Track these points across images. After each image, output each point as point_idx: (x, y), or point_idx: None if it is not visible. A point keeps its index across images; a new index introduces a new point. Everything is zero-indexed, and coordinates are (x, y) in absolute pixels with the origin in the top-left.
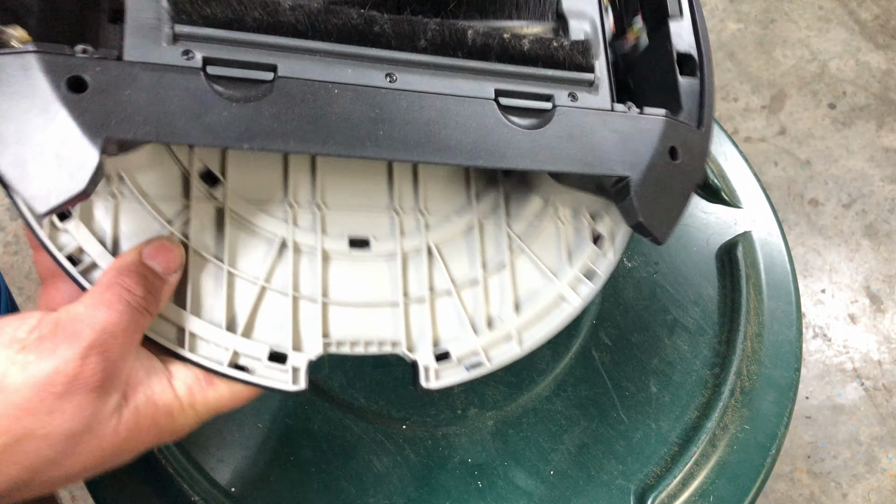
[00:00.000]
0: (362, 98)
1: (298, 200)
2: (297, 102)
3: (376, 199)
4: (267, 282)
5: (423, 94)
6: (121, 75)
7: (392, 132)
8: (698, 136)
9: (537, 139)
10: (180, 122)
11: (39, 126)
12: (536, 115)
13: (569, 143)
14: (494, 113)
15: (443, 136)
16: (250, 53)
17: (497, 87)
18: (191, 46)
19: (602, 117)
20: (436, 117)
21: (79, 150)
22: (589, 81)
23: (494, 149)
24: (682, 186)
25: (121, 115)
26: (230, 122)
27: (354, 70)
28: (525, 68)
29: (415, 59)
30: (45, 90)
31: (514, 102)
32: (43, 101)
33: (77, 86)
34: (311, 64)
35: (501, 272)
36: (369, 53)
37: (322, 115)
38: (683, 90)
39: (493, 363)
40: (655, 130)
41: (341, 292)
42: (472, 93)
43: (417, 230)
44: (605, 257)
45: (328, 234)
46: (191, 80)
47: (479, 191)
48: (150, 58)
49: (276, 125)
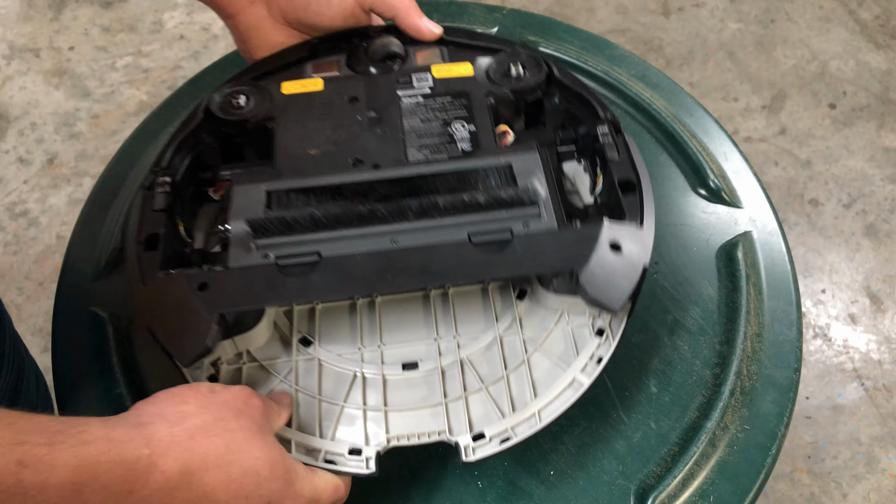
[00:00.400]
0: (376, 258)
1: (365, 344)
2: (334, 269)
3: (420, 333)
4: (345, 402)
5: (417, 247)
6: (228, 276)
7: (398, 275)
8: (641, 232)
9: (504, 258)
10: (262, 294)
11: (180, 311)
12: (500, 244)
13: (526, 256)
14: (469, 249)
15: (434, 269)
16: (302, 247)
17: (469, 231)
18: (267, 251)
19: (551, 234)
20: (427, 259)
21: (204, 323)
22: (536, 213)
23: (473, 270)
24: (628, 270)
25: (228, 298)
26: (293, 289)
27: (368, 242)
28: (486, 214)
29: (407, 227)
30: (186, 292)
31: (482, 238)
32: (184, 297)
33: (203, 286)
34: (341, 244)
35: (520, 368)
36: (376, 230)
37: (351, 274)
38: (626, 203)
39: (519, 437)
40: (596, 233)
41: (397, 402)
42: (451, 239)
43: (452, 350)
44: (607, 345)
45: (386, 363)
46: (268, 270)
47: (498, 314)
48: (244, 262)
49: (322, 285)
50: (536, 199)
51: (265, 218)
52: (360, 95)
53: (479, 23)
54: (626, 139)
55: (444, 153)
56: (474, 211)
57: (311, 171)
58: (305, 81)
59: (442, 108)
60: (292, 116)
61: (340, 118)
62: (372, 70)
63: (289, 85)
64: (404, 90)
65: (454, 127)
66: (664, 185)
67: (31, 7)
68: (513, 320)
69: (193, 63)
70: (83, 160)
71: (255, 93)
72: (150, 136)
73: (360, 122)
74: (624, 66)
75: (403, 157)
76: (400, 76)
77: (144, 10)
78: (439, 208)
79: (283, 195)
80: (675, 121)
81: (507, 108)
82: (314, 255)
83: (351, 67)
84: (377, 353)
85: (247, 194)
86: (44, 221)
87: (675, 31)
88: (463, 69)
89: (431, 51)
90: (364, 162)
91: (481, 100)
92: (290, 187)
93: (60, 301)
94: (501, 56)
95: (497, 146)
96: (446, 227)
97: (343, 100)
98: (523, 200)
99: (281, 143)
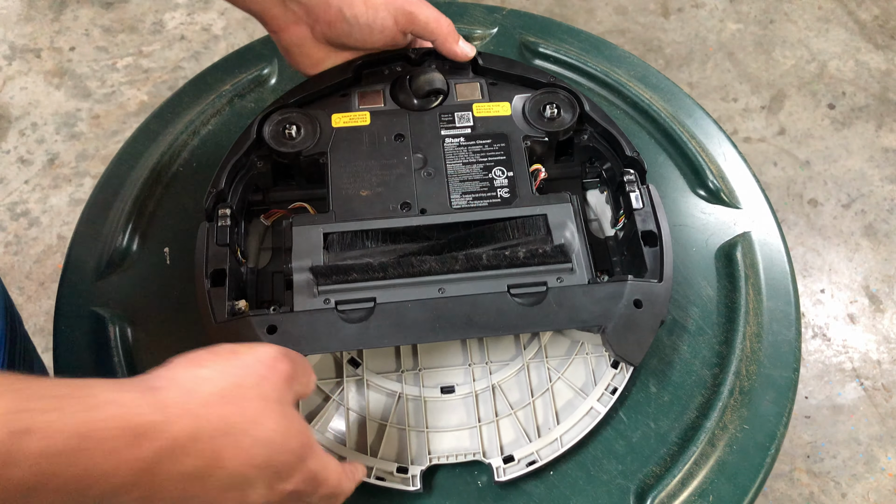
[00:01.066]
0: (425, 306)
1: (406, 368)
2: (389, 316)
3: (457, 360)
4: (390, 422)
5: (462, 297)
6: (294, 319)
7: (445, 324)
8: (659, 287)
9: (538, 311)
10: (325, 339)
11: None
12: (536, 296)
13: (559, 310)
14: (508, 300)
15: (477, 320)
16: (360, 293)
17: (508, 283)
18: (328, 296)
19: (582, 289)
20: (470, 309)
21: None
22: (569, 269)
23: (511, 323)
24: (648, 324)
25: (295, 342)
26: (352, 334)
27: (418, 290)
28: (525, 269)
29: (453, 278)
30: (256, 335)
31: (520, 290)
32: (255, 339)
33: (272, 329)
34: (395, 291)
35: (545, 395)
36: (426, 280)
37: (403, 321)
38: (648, 256)
39: (544, 460)
40: (621, 291)
41: (437, 422)
42: (492, 290)
43: (485, 376)
44: (621, 375)
45: (426, 386)
46: (329, 315)
47: (526, 343)
48: (307, 306)
49: (378, 332)
50: (569, 255)
51: (326, 266)
52: (405, 132)
53: (479, 24)
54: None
55: (484, 200)
56: (514, 265)
57: (362, 213)
58: (354, 115)
59: (482, 150)
60: (343, 153)
61: (389, 157)
62: (415, 102)
63: (338, 117)
64: (447, 129)
65: (494, 173)
66: (663, 186)
67: (32, 7)
68: (538, 349)
69: (194, 63)
70: (84, 160)
71: (307, 123)
72: (151, 136)
73: (407, 162)
74: (623, 66)
75: (447, 202)
76: (443, 113)
77: (145, 10)
78: (482, 260)
79: (338, 237)
80: (675, 121)
81: (541, 146)
82: (370, 302)
83: (395, 98)
84: (418, 376)
85: (306, 236)
86: (45, 221)
87: (675, 31)
88: (501, 108)
89: (471, 85)
90: (411, 206)
91: (518, 143)
92: (344, 230)
93: (61, 301)
94: (537, 96)
95: (533, 193)
96: (488, 279)
97: (390, 136)
98: (557, 256)
99: (335, 181)
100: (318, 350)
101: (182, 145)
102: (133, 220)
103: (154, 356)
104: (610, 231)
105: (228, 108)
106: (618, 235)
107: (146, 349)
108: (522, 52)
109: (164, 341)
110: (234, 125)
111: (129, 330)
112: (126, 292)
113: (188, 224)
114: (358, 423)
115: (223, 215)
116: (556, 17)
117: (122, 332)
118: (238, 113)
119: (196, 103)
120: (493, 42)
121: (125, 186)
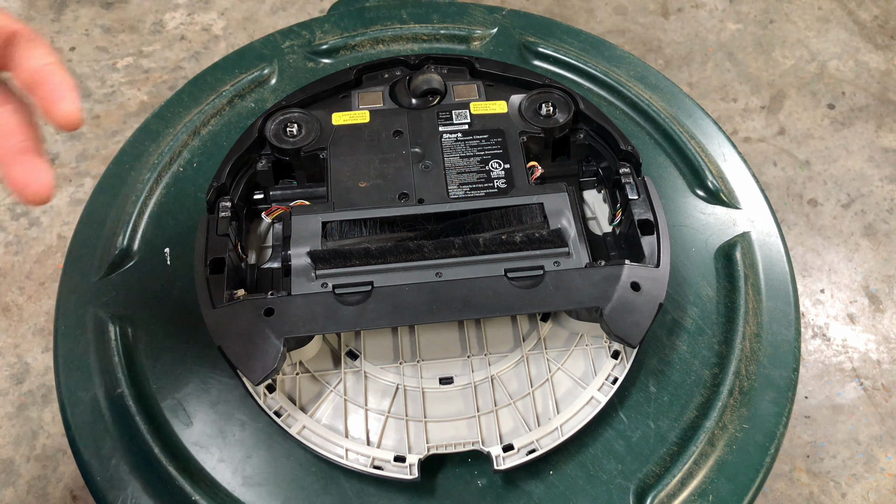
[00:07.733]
0: (423, 290)
1: (405, 360)
2: (386, 299)
3: (455, 352)
4: (389, 413)
5: (459, 280)
6: (291, 303)
7: (442, 306)
8: (657, 272)
9: (535, 294)
10: (322, 321)
11: (249, 335)
12: (533, 279)
13: (556, 292)
14: (505, 283)
15: (473, 302)
16: (357, 277)
17: (505, 267)
18: (325, 280)
19: (579, 272)
20: (468, 292)
21: (273, 346)
22: (566, 252)
23: (508, 304)
24: (647, 306)
25: (292, 323)
26: (349, 317)
27: (416, 274)
28: (522, 253)
29: (451, 262)
30: (254, 317)
31: (517, 274)
32: (253, 321)
33: (269, 312)
34: (392, 275)
35: (544, 385)
36: (423, 264)
37: (400, 303)
38: (645, 244)
39: (544, 449)
40: (618, 274)
41: (436, 413)
42: (489, 274)
43: (484, 367)
44: (622, 366)
45: (424, 377)
46: (327, 298)
47: (525, 334)
48: (305, 290)
49: (375, 314)
50: (566, 239)
51: (324, 250)
52: (403, 129)
53: (478, 24)
54: (646, 180)
55: (481, 190)
56: (511, 249)
57: (361, 202)
58: (354, 113)
59: (479, 145)
60: (343, 148)
61: (387, 151)
62: (413, 102)
63: (338, 116)
64: (445, 126)
65: (491, 165)
66: (663, 186)
67: (32, 7)
68: (538, 341)
69: (194, 63)
70: (84, 160)
71: (308, 122)
72: (151, 136)
73: (405, 156)
74: (623, 66)
75: (445, 192)
76: (441, 111)
77: (145, 10)
78: (479, 245)
79: (336, 226)
80: (674, 122)
81: (537, 144)
82: (368, 286)
83: (394, 99)
84: (416, 368)
85: (305, 224)
86: (45, 221)
87: (674, 31)
88: (498, 107)
89: (469, 86)
90: (409, 196)
91: (515, 138)
92: (343, 219)
93: (62, 301)
94: (533, 95)
95: (529, 184)
96: (485, 263)
97: (389, 133)
98: (554, 240)
99: (334, 174)
100: (316, 331)
101: (182, 145)
102: (133, 220)
103: (154, 356)
104: (607, 228)
105: (228, 108)
106: (615, 231)
107: (146, 349)
108: (522, 52)
109: (164, 341)
110: (234, 125)
111: (129, 330)
112: (126, 292)
113: (188, 224)
114: (356, 414)
115: (224, 208)
116: (556, 17)
117: (123, 332)
118: (238, 113)
119: (196, 103)
120: (493, 42)
121: (125, 186)
